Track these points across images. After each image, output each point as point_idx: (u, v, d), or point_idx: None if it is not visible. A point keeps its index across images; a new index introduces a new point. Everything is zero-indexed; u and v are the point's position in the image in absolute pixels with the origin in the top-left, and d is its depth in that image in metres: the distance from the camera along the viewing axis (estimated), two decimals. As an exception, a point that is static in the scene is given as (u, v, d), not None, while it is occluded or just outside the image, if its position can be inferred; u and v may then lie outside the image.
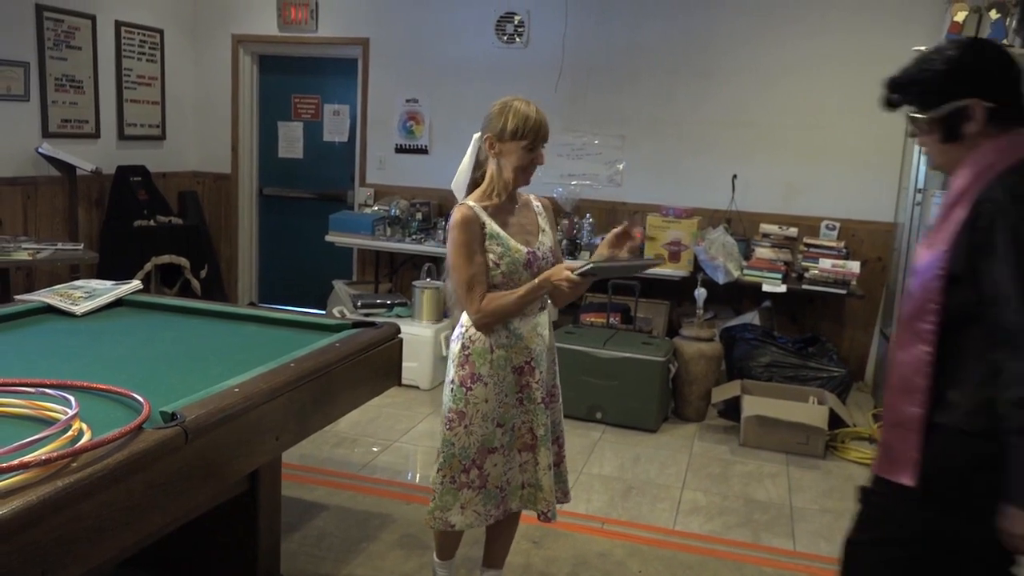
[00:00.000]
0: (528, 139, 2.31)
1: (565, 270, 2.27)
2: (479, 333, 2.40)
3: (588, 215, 5.56)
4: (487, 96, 2.56)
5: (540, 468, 2.45)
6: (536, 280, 2.34)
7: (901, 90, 1.76)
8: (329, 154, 6.54)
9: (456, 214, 2.35)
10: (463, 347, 2.42)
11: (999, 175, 1.64)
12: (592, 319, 5.29)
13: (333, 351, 2.54)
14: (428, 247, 5.59)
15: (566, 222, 5.50)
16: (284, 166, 6.66)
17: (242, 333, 2.86)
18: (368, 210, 6.06)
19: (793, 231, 5.30)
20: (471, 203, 2.37)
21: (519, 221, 2.42)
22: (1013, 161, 1.66)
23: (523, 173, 2.37)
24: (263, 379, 2.20)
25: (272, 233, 6.84)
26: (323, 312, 5.40)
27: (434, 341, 4.99)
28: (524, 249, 2.38)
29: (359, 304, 5.31)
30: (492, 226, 2.36)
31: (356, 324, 2.91)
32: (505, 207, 2.41)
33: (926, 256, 1.71)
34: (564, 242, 5.30)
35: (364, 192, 6.31)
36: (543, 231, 2.46)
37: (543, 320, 2.46)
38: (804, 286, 4.97)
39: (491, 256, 2.35)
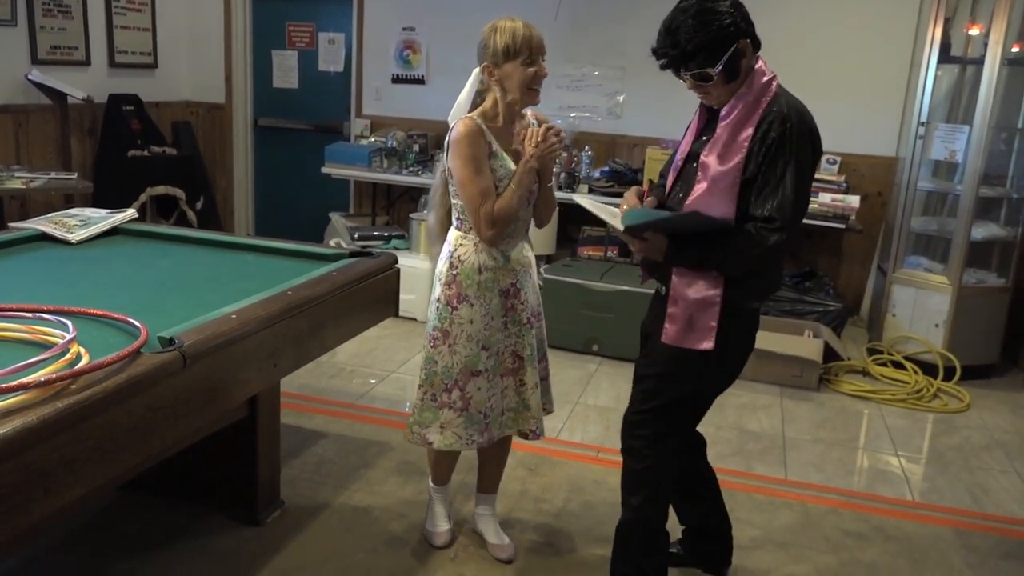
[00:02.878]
0: (523, 54, 2.29)
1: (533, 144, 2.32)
2: (469, 253, 2.41)
3: (587, 147, 5.51)
4: (486, 24, 2.51)
5: (527, 388, 2.49)
6: (519, 166, 2.35)
7: (691, 59, 2.04)
8: (324, 84, 6.44)
9: (460, 127, 2.32)
10: (451, 266, 2.44)
11: (775, 95, 2.06)
12: (589, 252, 5.29)
13: (330, 280, 2.55)
14: (425, 179, 5.54)
15: (564, 155, 5.45)
16: (279, 96, 6.57)
17: (239, 262, 2.85)
18: (364, 141, 6.00)
19: (793, 165, 5.27)
20: (476, 118, 2.35)
21: (518, 147, 2.41)
22: (773, 77, 2.09)
23: (529, 91, 2.33)
24: (260, 306, 2.20)
25: (268, 165, 6.78)
26: (320, 244, 5.40)
27: (431, 274, 4.99)
28: None
29: (356, 236, 5.30)
30: (495, 145, 2.37)
31: (353, 254, 2.91)
32: (505, 131, 2.40)
33: (719, 167, 2.06)
34: (563, 175, 5.26)
35: (360, 123, 6.24)
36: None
37: (528, 244, 2.52)
38: (804, 221, 4.96)
39: (498, 171, 2.36)
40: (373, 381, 4.13)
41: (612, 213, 2.27)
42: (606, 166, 5.44)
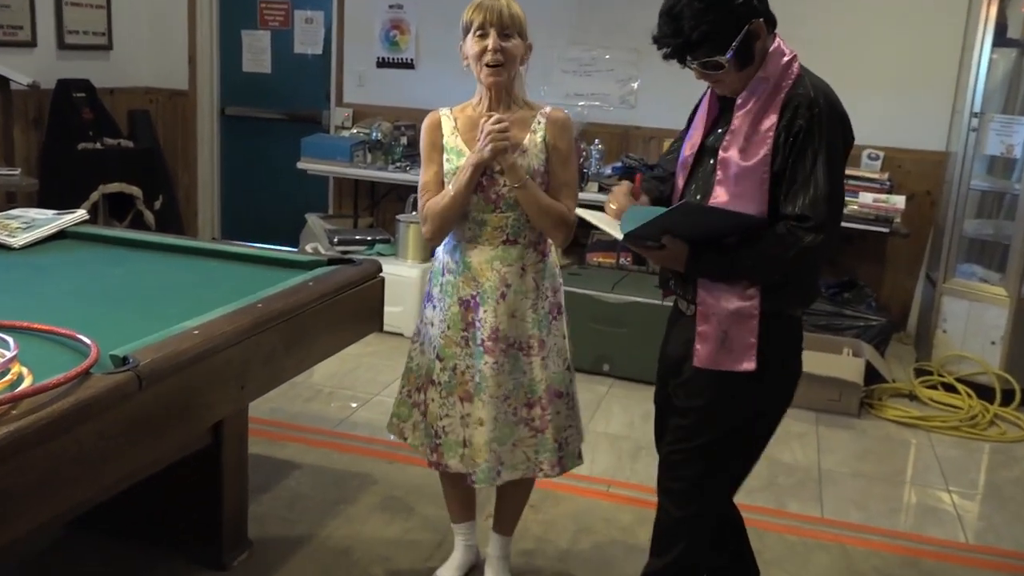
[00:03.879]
0: (475, 23, 2.37)
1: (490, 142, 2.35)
2: (440, 251, 2.57)
3: (597, 141, 5.52)
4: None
5: (472, 420, 2.50)
6: (466, 163, 2.40)
7: (697, 48, 2.02)
8: (301, 68, 6.46)
9: (424, 120, 2.54)
10: (434, 258, 2.61)
11: (797, 76, 2.06)
12: (599, 259, 5.30)
13: (306, 290, 2.55)
14: (414, 176, 5.54)
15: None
16: (249, 82, 6.60)
17: (203, 270, 2.86)
18: (346, 133, 6.01)
19: (831, 161, 5.29)
20: (444, 109, 2.53)
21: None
22: (793, 57, 2.09)
23: (484, 69, 2.39)
24: (226, 320, 2.21)
25: (236, 159, 6.80)
26: (295, 249, 5.40)
27: (421, 283, 5.00)
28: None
29: (336, 240, 5.31)
30: (452, 139, 2.47)
31: (332, 261, 2.91)
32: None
33: (743, 163, 2.05)
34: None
35: (341, 113, 6.25)
36: (522, 153, 2.44)
37: (506, 255, 2.47)
38: (842, 224, 4.96)
39: (445, 166, 2.47)
40: (354, 405, 4.13)
41: (609, 220, 2.23)
42: (618, 161, 5.45)
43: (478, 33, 2.37)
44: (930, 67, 5.20)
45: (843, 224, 4.99)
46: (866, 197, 4.96)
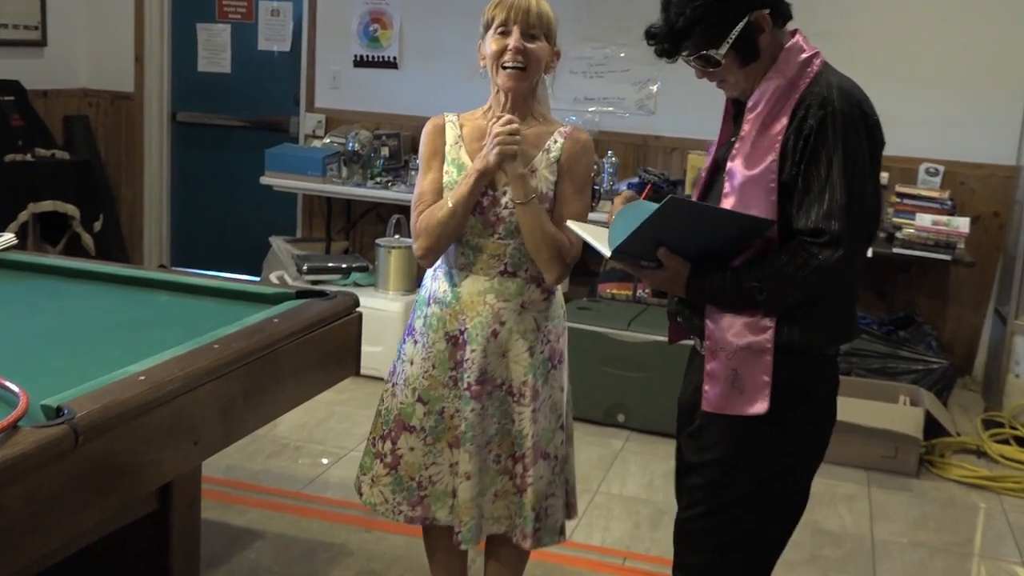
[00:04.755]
0: (498, 19, 2.41)
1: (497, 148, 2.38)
2: (427, 278, 2.61)
3: (610, 153, 5.55)
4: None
5: (459, 471, 2.52)
6: (469, 170, 2.44)
7: (683, 38, 2.08)
8: (265, 68, 6.51)
9: (427, 123, 2.58)
10: (420, 287, 2.64)
11: (816, 75, 2.08)
12: (613, 290, 5.31)
13: (270, 329, 2.56)
14: (397, 193, 5.58)
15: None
16: (205, 83, 6.64)
17: (150, 304, 2.87)
18: (317, 143, 6.05)
19: (882, 176, 5.31)
20: (450, 115, 2.57)
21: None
22: (815, 54, 2.12)
23: (500, 71, 2.42)
24: (177, 364, 2.21)
25: (189, 173, 6.83)
26: (257, 279, 5.39)
27: (404, 318, 5.01)
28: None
29: (305, 268, 5.31)
30: (454, 148, 2.52)
31: (301, 294, 2.92)
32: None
33: (747, 172, 2.06)
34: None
35: (312, 119, 6.30)
36: (530, 173, 2.46)
37: (502, 288, 2.49)
38: (895, 249, 4.99)
39: (445, 179, 2.51)
40: (325, 462, 4.12)
41: (601, 234, 2.23)
42: (635, 176, 5.48)
43: (499, 31, 2.41)
44: (999, 66, 5.23)
45: (897, 251, 5.03)
46: (924, 219, 4.98)
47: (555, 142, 2.51)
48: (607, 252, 2.09)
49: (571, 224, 2.31)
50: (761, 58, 2.10)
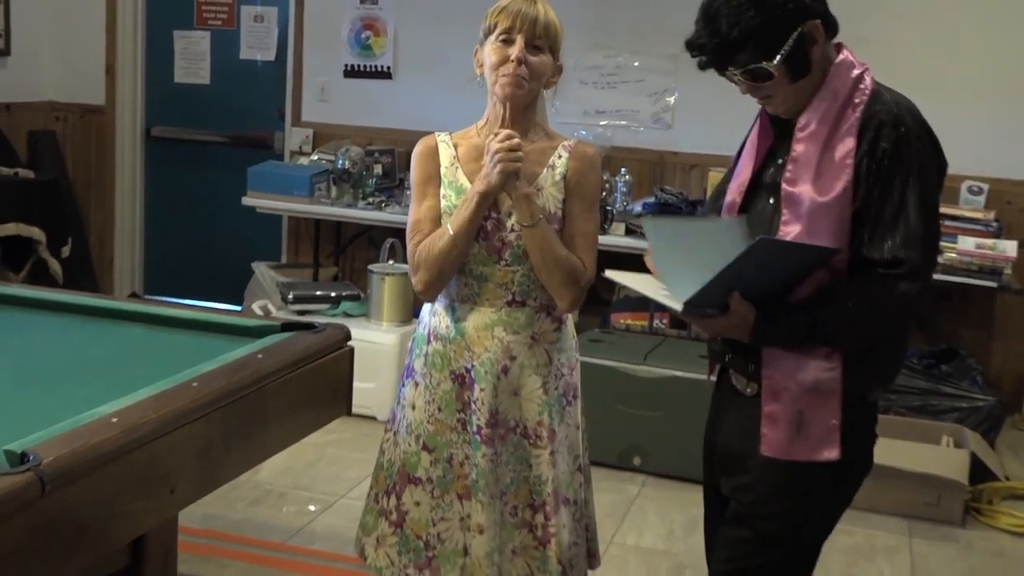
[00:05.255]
0: (500, 26, 2.42)
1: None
2: (424, 313, 2.61)
3: (624, 170, 5.57)
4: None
5: (471, 524, 2.50)
6: (470, 193, 2.44)
7: (736, 50, 2.08)
8: (248, 78, 6.55)
9: (417, 145, 2.59)
10: (417, 322, 2.65)
11: (873, 92, 2.11)
12: (627, 320, 5.30)
13: (253, 365, 2.55)
14: (391, 214, 5.58)
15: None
16: (183, 95, 6.67)
17: (122, 338, 2.86)
18: (304, 160, 6.07)
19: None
20: (441, 134, 2.57)
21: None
22: (865, 70, 2.16)
23: (493, 74, 2.43)
24: (152, 405, 2.21)
25: (164, 193, 6.85)
26: (239, 308, 5.40)
27: (399, 351, 5.01)
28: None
29: (291, 297, 5.32)
30: (450, 171, 2.52)
31: (287, 326, 2.92)
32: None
33: (818, 198, 2.07)
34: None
35: (299, 134, 6.32)
36: (536, 191, 2.47)
37: (511, 320, 2.50)
38: (936, 275, 4.97)
39: (442, 204, 2.51)
40: (313, 509, 4.11)
41: (653, 282, 2.23)
42: (651, 196, 5.48)
43: (501, 38, 2.42)
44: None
45: (938, 277, 5.04)
46: (967, 242, 4.98)
47: (559, 157, 2.52)
48: (678, 307, 2.08)
49: (611, 274, 2.33)
50: (812, 73, 2.13)
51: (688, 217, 1.95)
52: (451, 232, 2.43)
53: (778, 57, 2.07)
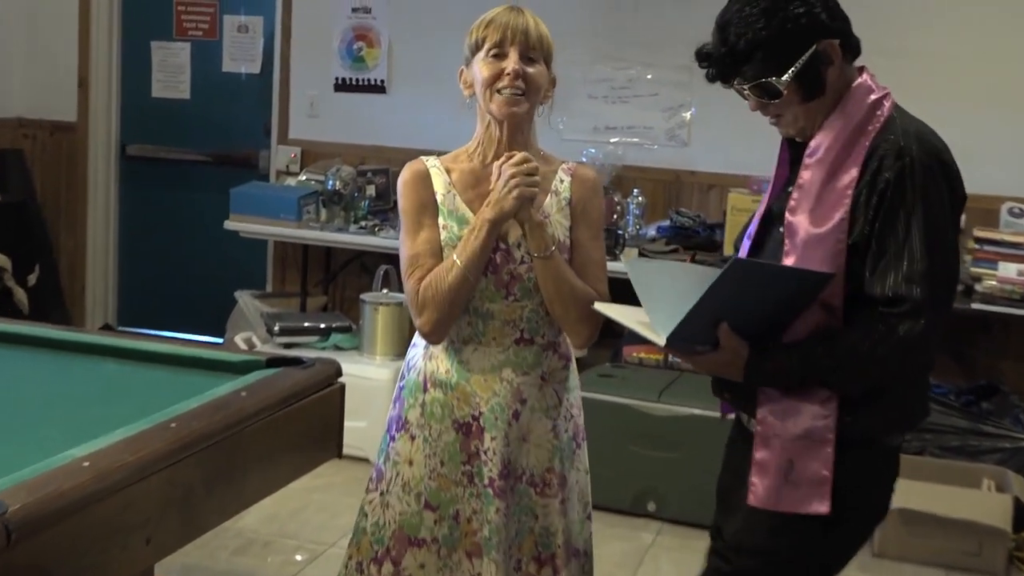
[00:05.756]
0: (490, 40, 2.41)
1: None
2: (417, 357, 2.56)
3: (636, 191, 5.58)
4: (481, 3, 2.59)
5: None
6: (479, 220, 2.41)
7: (742, 62, 2.13)
8: (232, 93, 6.57)
9: (404, 171, 2.54)
10: (401, 374, 2.57)
11: (887, 120, 2.14)
12: (640, 354, 5.30)
13: (236, 404, 2.56)
14: (385, 239, 5.58)
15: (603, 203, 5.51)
16: (161, 111, 6.69)
17: (94, 374, 2.87)
18: (292, 181, 6.08)
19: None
20: (429, 159, 2.53)
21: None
22: (884, 95, 2.18)
23: (486, 92, 2.43)
24: (127, 448, 2.21)
25: (141, 216, 6.86)
26: (221, 341, 5.40)
27: (394, 387, 4.99)
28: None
29: (277, 329, 5.31)
30: (448, 198, 2.48)
31: (272, 361, 2.92)
32: (488, 175, 2.46)
33: (812, 229, 2.11)
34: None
35: (286, 153, 6.33)
36: (546, 219, 2.48)
37: (519, 360, 2.49)
38: (974, 305, 4.98)
39: (443, 235, 2.48)
40: (300, 559, 4.10)
41: (635, 315, 2.25)
42: (666, 219, 5.49)
43: (492, 53, 2.43)
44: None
45: (977, 307, 5.02)
46: (1008, 268, 4.97)
47: (561, 182, 2.54)
48: (661, 341, 2.10)
49: (599, 307, 2.35)
50: (826, 94, 2.17)
51: (674, 262, 2.02)
52: (460, 264, 2.39)
53: (788, 74, 2.11)
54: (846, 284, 2.09)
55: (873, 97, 2.17)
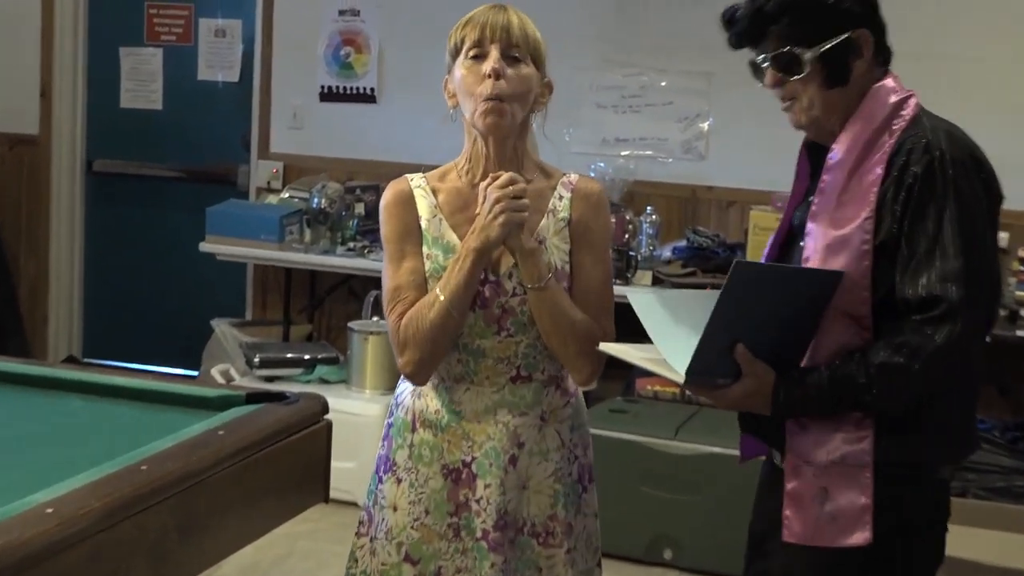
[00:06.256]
0: (469, 39, 2.38)
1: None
2: (405, 395, 2.54)
3: (650, 208, 5.58)
4: (481, 3, 2.60)
5: None
6: (463, 250, 2.37)
7: (770, 22, 2.18)
8: (207, 103, 6.60)
9: (386, 192, 2.51)
10: (389, 411, 2.57)
11: (912, 118, 2.16)
12: (655, 387, 5.29)
13: (213, 444, 2.55)
14: (375, 262, 5.56)
15: (613, 220, 5.51)
16: (131, 123, 6.71)
17: (58, 412, 2.86)
18: (273, 199, 6.08)
19: (1001, 237, 5.31)
20: (415, 177, 2.49)
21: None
22: (909, 96, 2.22)
23: (468, 101, 2.39)
24: (94, 492, 2.21)
25: (108, 237, 6.87)
26: (196, 375, 5.40)
27: (384, 423, 4.99)
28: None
29: (257, 361, 5.31)
30: (433, 223, 2.44)
31: (252, 397, 2.92)
32: (476, 196, 2.41)
33: (834, 232, 2.13)
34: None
35: (267, 168, 6.34)
36: (540, 245, 2.43)
37: (516, 399, 2.46)
38: (1020, 332, 4.98)
39: (427, 265, 2.44)
40: (283, 613, 4.10)
41: (647, 353, 2.24)
42: (682, 239, 5.49)
43: (472, 54, 2.39)
44: None
45: (1023, 333, 5.02)
46: (1053, 287, 4.98)
47: (560, 199, 2.49)
48: (680, 377, 2.10)
49: (605, 347, 2.33)
50: (848, 86, 2.19)
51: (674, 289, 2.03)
52: (443, 299, 2.34)
53: (816, 51, 2.15)
54: (874, 290, 2.09)
55: (896, 97, 2.20)
